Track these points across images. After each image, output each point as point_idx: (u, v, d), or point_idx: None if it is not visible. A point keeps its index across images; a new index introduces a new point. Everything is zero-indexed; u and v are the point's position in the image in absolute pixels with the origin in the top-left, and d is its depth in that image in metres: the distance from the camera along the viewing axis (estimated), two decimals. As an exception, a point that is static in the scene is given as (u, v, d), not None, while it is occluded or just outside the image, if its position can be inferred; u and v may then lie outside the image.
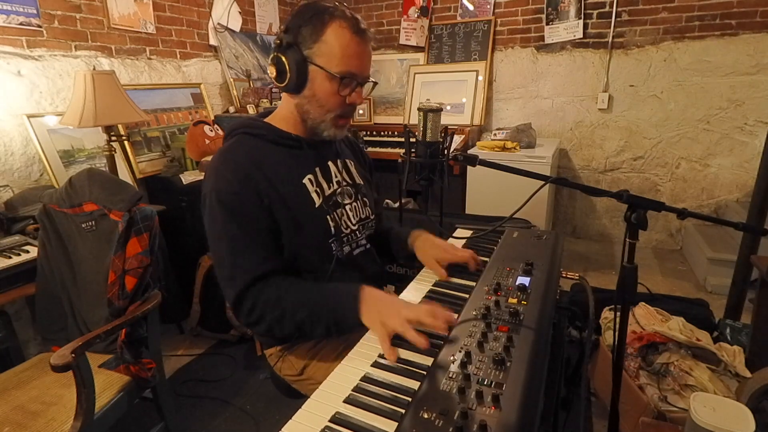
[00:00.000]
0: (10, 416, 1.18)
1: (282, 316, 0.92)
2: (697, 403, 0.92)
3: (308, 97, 0.98)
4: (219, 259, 0.95)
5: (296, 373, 1.07)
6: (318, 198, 1.03)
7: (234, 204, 0.93)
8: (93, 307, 1.46)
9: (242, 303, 0.93)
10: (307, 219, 1.01)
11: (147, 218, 1.41)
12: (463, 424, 0.57)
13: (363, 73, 0.98)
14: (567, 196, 3.50)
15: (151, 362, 1.38)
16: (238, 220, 0.93)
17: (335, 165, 1.11)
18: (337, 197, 1.08)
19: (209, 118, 2.75)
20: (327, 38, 0.93)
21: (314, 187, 1.04)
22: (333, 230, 1.04)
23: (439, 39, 3.56)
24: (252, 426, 1.71)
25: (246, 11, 3.22)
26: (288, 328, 0.93)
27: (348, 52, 0.93)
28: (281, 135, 1.03)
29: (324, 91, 0.96)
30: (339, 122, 1.02)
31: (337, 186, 1.09)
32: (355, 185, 1.15)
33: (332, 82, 0.95)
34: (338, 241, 1.06)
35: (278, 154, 1.02)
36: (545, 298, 0.89)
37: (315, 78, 0.96)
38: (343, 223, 1.07)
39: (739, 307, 2.00)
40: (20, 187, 1.94)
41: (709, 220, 1.03)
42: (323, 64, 0.94)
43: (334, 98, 0.97)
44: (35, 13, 2.00)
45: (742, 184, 2.99)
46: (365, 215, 1.15)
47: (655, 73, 3.04)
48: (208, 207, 0.96)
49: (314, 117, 1.01)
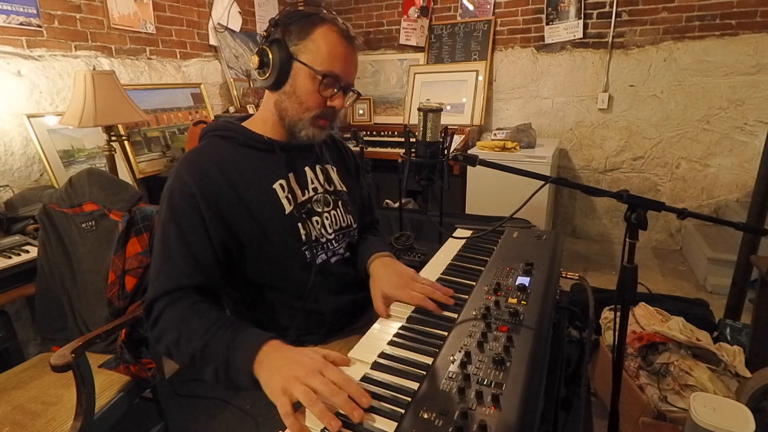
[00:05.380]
0: (10, 416, 1.18)
1: (178, 340, 0.82)
2: (697, 403, 0.92)
3: (288, 93, 0.96)
4: (152, 260, 0.91)
5: None
6: (289, 204, 0.99)
7: (181, 208, 0.90)
8: (93, 307, 1.46)
9: (151, 311, 0.87)
10: (275, 225, 0.97)
11: (147, 218, 1.41)
12: (463, 424, 0.57)
13: (346, 77, 0.96)
14: (567, 196, 3.50)
15: (151, 362, 1.38)
16: (179, 225, 0.89)
17: (312, 171, 1.07)
18: (312, 204, 1.04)
19: (209, 118, 2.75)
20: (315, 37, 0.92)
21: (285, 192, 0.99)
22: (304, 238, 0.99)
23: (439, 39, 3.56)
24: (252, 426, 1.71)
25: (246, 11, 3.22)
26: (182, 356, 0.82)
27: (334, 52, 0.93)
28: (253, 138, 1.00)
29: (305, 88, 0.94)
30: (318, 122, 0.98)
31: (313, 193, 1.05)
32: (335, 192, 1.10)
33: (314, 80, 0.93)
34: (313, 248, 1.01)
35: (247, 157, 0.98)
36: (545, 298, 0.89)
37: (297, 74, 0.94)
38: (317, 231, 1.03)
39: (739, 307, 2.00)
40: (20, 187, 1.94)
41: (709, 220, 1.03)
42: (307, 60, 0.92)
43: (314, 97, 0.95)
44: (35, 13, 2.00)
45: (742, 184, 2.99)
46: (346, 224, 1.10)
47: (655, 73, 3.04)
48: (160, 206, 0.94)
49: (292, 115, 0.97)
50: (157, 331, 0.85)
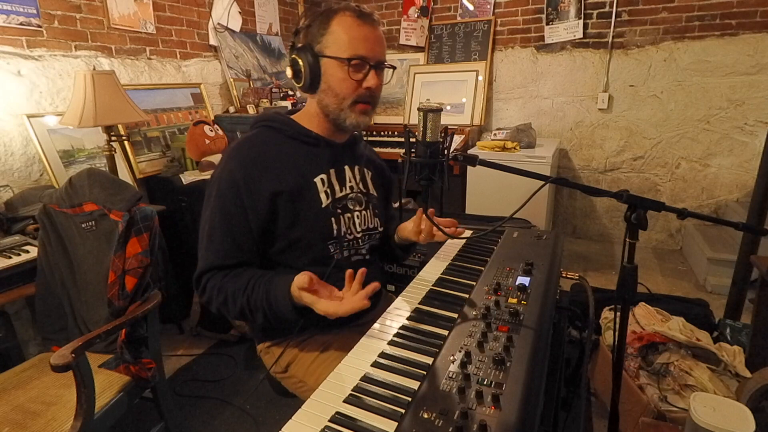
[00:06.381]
0: (10, 416, 1.18)
1: (225, 302, 0.97)
2: (697, 403, 0.92)
3: (324, 90, 1.00)
4: (200, 238, 1.02)
5: (282, 371, 1.10)
6: (326, 199, 1.05)
7: (226, 195, 0.98)
8: (93, 307, 1.46)
9: (199, 281, 1.01)
10: (309, 217, 1.02)
11: (147, 218, 1.41)
12: (463, 424, 0.57)
13: (374, 55, 0.98)
14: (567, 196, 3.50)
15: (151, 362, 1.38)
16: (223, 210, 0.98)
17: (351, 170, 1.12)
18: (347, 202, 1.09)
19: (209, 118, 2.75)
20: (333, 28, 0.95)
21: (325, 187, 1.05)
22: (335, 233, 1.05)
23: (439, 39, 3.56)
24: (252, 426, 1.71)
25: (246, 11, 3.22)
26: (233, 312, 0.98)
27: (353, 35, 0.95)
28: (300, 131, 1.05)
29: (336, 78, 0.98)
30: (358, 107, 1.01)
31: (349, 190, 1.10)
32: (368, 194, 1.15)
33: (342, 67, 0.96)
34: (338, 244, 1.06)
35: (293, 149, 1.04)
36: (545, 298, 0.89)
37: (327, 69, 0.98)
38: (347, 228, 1.08)
39: (739, 307, 2.00)
40: (20, 187, 1.94)
41: (709, 220, 1.02)
42: (332, 53, 0.96)
43: (346, 83, 0.98)
44: (35, 13, 2.00)
45: (742, 184, 2.99)
46: (373, 225, 1.15)
47: (655, 73, 3.04)
48: (208, 190, 1.02)
49: (333, 109, 1.01)
50: (206, 297, 1.00)
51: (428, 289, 1.02)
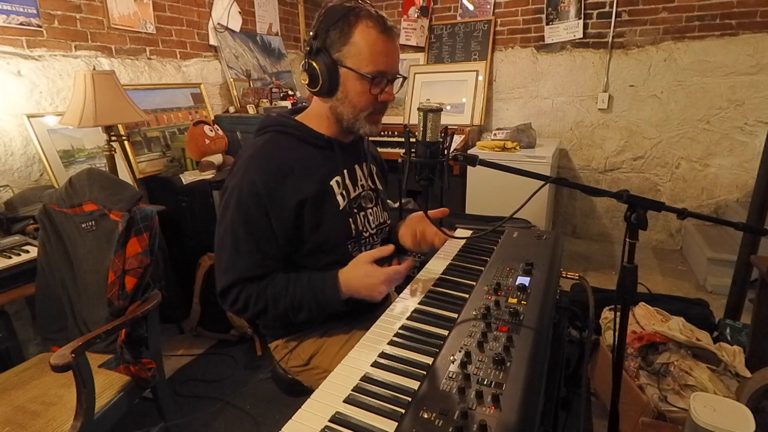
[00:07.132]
0: (10, 416, 1.18)
1: (266, 309, 0.98)
2: (697, 403, 0.92)
3: (341, 99, 1.00)
4: (220, 249, 1.00)
5: (302, 363, 1.10)
6: (343, 200, 1.06)
7: (248, 206, 0.96)
8: (93, 307, 1.46)
9: (228, 294, 0.99)
10: (329, 220, 1.03)
11: (147, 218, 1.41)
12: (463, 424, 0.57)
13: (392, 70, 0.99)
14: (567, 196, 3.50)
15: (151, 362, 1.38)
16: (249, 224, 0.97)
17: (361, 169, 1.13)
18: (361, 200, 1.11)
19: (209, 118, 2.75)
20: (355, 40, 0.94)
21: (340, 189, 1.06)
22: (354, 233, 1.07)
23: (439, 39, 3.56)
24: (252, 426, 1.71)
25: (246, 11, 3.22)
26: (272, 315, 1.00)
27: (376, 50, 0.95)
28: (312, 135, 1.05)
29: (356, 91, 0.98)
30: (373, 118, 1.03)
31: (361, 189, 1.11)
32: (376, 190, 1.17)
33: (363, 82, 0.96)
34: (356, 243, 1.08)
35: (307, 153, 1.03)
36: (545, 298, 0.89)
37: (346, 80, 0.97)
38: (363, 226, 1.10)
39: (739, 307, 2.00)
40: (20, 187, 1.94)
41: (709, 220, 1.02)
42: (353, 65, 0.95)
43: (366, 97, 0.98)
44: (35, 13, 2.00)
45: (742, 184, 2.99)
46: (383, 219, 1.18)
47: (655, 73, 3.04)
48: (226, 199, 0.99)
49: (348, 117, 1.02)
50: (239, 307, 0.99)
51: (428, 289, 1.02)
